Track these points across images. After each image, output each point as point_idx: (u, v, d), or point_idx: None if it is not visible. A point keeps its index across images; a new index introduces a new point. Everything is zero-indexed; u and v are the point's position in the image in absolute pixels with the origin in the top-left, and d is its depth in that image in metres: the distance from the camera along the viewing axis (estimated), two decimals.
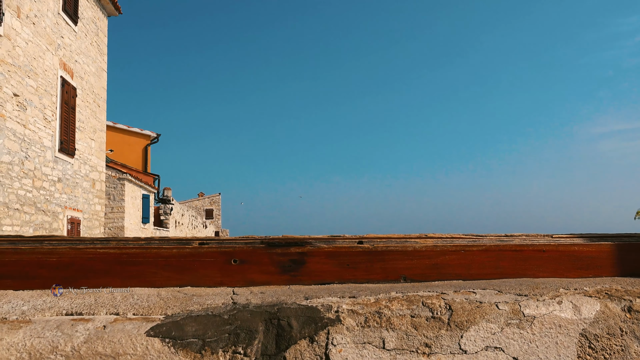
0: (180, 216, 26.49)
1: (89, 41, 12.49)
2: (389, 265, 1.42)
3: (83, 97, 12.03)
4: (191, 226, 30.32)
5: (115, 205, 15.61)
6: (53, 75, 10.51)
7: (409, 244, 1.44)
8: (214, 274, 1.36)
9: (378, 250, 1.42)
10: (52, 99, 10.44)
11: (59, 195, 10.56)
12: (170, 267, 1.34)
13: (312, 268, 1.40)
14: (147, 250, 1.34)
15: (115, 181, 15.67)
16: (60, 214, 10.61)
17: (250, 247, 1.39)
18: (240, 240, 1.41)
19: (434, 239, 1.47)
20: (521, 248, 1.49)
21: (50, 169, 10.25)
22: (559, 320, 1.24)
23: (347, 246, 1.41)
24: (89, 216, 12.16)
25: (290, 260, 1.39)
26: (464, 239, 1.48)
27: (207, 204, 50.36)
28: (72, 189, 11.27)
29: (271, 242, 1.40)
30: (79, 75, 11.86)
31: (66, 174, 10.96)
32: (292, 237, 1.41)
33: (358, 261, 1.41)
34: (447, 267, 1.45)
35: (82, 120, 11.95)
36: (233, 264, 1.37)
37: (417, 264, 1.44)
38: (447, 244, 1.45)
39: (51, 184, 10.25)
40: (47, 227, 10.00)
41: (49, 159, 10.18)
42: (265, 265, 1.39)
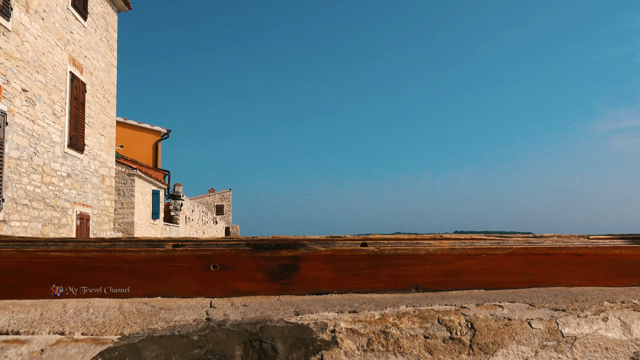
0: (191, 212, 26.51)
1: (98, 37, 12.45)
2: (397, 271, 1.23)
3: (92, 93, 12.00)
4: (201, 222, 30.37)
5: (125, 201, 15.60)
6: (62, 70, 10.47)
7: (422, 246, 1.23)
8: (189, 282, 1.18)
9: (385, 253, 1.22)
10: (62, 95, 10.40)
11: (68, 191, 10.53)
12: (137, 274, 1.16)
13: (307, 275, 1.21)
14: (110, 254, 1.15)
15: (125, 177, 15.67)
16: (70, 209, 10.58)
17: (234, 250, 1.20)
18: (221, 242, 1.22)
19: (451, 240, 1.27)
20: (553, 251, 1.29)
21: (60, 165, 10.23)
22: (605, 342, 1.02)
23: (348, 249, 1.22)
24: (98, 212, 12.14)
25: (280, 266, 1.21)
26: (485, 240, 1.28)
27: (218, 199, 50.47)
28: (82, 185, 11.24)
29: (258, 244, 1.20)
30: (89, 70, 11.82)
31: (75, 169, 10.93)
32: (283, 238, 1.21)
33: (361, 267, 1.22)
34: (466, 273, 1.25)
35: (92, 116, 11.92)
36: (212, 270, 1.19)
37: (431, 270, 1.24)
38: (466, 247, 1.25)
39: (60, 180, 10.23)
40: (56, 223, 9.98)
41: (58, 154, 10.15)
42: (251, 272, 1.20)
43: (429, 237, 1.27)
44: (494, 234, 1.31)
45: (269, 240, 1.21)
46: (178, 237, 1.23)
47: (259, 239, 1.20)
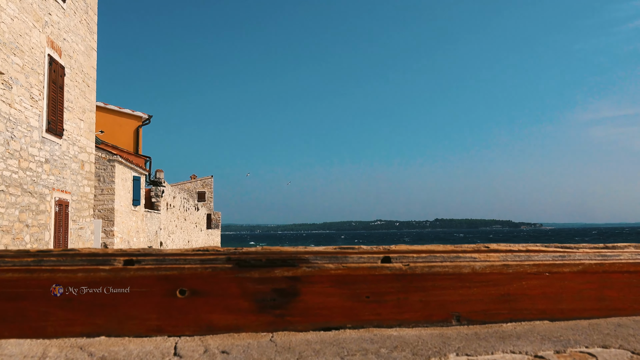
0: (172, 198, 26.31)
1: (78, 19, 12.17)
2: (433, 296, 0.91)
3: (72, 77, 11.76)
4: (183, 209, 30.17)
5: (105, 187, 15.40)
6: (40, 53, 10.22)
7: (464, 261, 0.91)
8: (146, 315, 0.84)
9: (416, 272, 0.90)
10: (39, 78, 10.17)
11: (46, 177, 10.35)
12: (72, 304, 0.83)
13: (310, 303, 0.88)
14: (35, 275, 0.83)
15: (105, 163, 15.45)
16: (48, 195, 10.41)
17: (209, 268, 0.86)
18: (192, 256, 0.88)
19: (501, 253, 0.95)
20: (637, 267, 0.96)
21: (37, 150, 10.03)
22: None
23: (367, 266, 0.90)
24: (77, 198, 11.97)
25: (274, 291, 0.87)
26: (546, 252, 0.96)
27: (200, 186, 50.14)
28: (60, 170, 11.05)
29: (243, 259, 0.87)
30: (68, 54, 11.56)
31: (54, 154, 10.74)
32: (276, 251, 0.89)
33: (384, 291, 0.90)
34: (524, 299, 0.93)
35: (71, 100, 11.69)
36: (179, 298, 0.86)
37: (478, 294, 0.92)
38: (522, 262, 0.93)
39: (38, 165, 10.04)
40: (34, 209, 9.82)
41: (35, 139, 9.95)
42: (233, 299, 0.87)
43: (471, 250, 0.95)
44: (554, 244, 0.98)
45: (258, 255, 0.87)
46: (132, 249, 0.90)
47: (243, 253, 0.88)
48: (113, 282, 0.85)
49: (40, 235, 10.03)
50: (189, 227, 32.64)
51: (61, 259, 0.85)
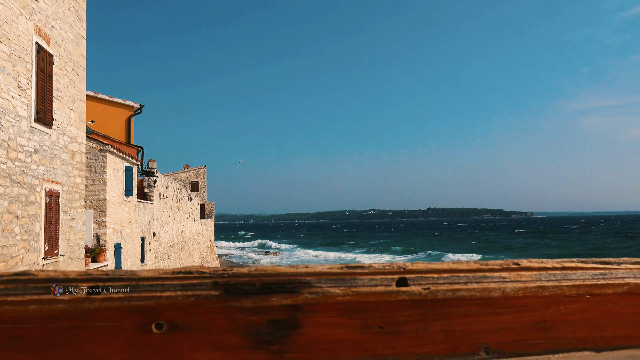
0: (165, 189, 26.13)
1: (66, 6, 11.91)
2: (458, 325, 0.79)
3: (61, 65, 11.53)
4: (176, 199, 30.00)
5: (96, 177, 15.22)
6: (27, 41, 9.99)
7: (492, 282, 0.79)
8: (115, 355, 0.72)
9: (437, 297, 0.78)
10: (27, 66, 9.95)
11: (35, 167, 10.17)
12: (22, 344, 0.67)
13: (313, 336, 0.77)
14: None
15: (97, 153, 15.25)
16: (38, 186, 10.24)
17: (192, 296, 0.72)
18: (171, 280, 0.74)
19: (533, 271, 0.82)
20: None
21: (26, 140, 9.84)
22: None
23: (380, 291, 0.77)
24: (68, 189, 11.79)
25: (270, 323, 0.74)
26: (584, 269, 0.83)
27: (193, 176, 49.91)
28: (50, 161, 10.87)
29: (232, 284, 0.73)
30: (56, 41, 11.32)
31: (43, 145, 10.55)
32: (272, 272, 0.75)
33: (400, 320, 0.78)
34: (562, 326, 0.81)
35: (60, 89, 11.47)
36: (156, 333, 0.71)
37: (510, 321, 0.80)
38: (559, 283, 0.81)
39: (27, 155, 9.86)
40: (24, 200, 9.65)
41: (24, 129, 9.76)
42: (221, 334, 0.75)
43: (498, 267, 0.82)
44: (592, 259, 0.85)
45: (251, 278, 0.74)
46: (100, 272, 0.73)
47: (233, 275, 0.73)
48: (74, 315, 0.69)
49: (30, 226, 9.88)
50: (183, 217, 32.49)
51: (10, 287, 0.68)
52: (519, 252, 64.31)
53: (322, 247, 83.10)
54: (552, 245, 74.15)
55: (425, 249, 71.68)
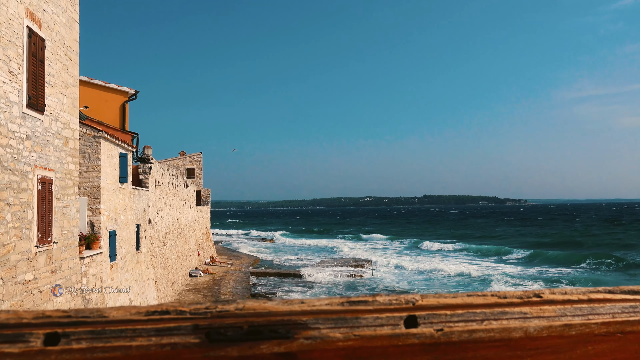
0: (160, 175, 25.95)
1: None
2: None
3: (53, 50, 11.30)
4: (172, 185, 29.83)
5: (90, 164, 15.04)
6: (18, 24, 9.76)
7: (512, 319, 0.68)
8: None
9: (452, 340, 0.69)
10: (18, 51, 9.73)
11: (27, 154, 10.00)
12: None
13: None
14: None
15: (90, 139, 15.05)
16: (30, 173, 10.08)
17: (168, 345, 0.61)
18: (146, 323, 0.61)
19: (558, 304, 0.71)
20: None
21: (18, 126, 9.66)
22: None
23: (386, 334, 0.67)
24: (61, 175, 11.63)
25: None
26: (613, 301, 0.72)
27: (189, 163, 49.66)
28: (43, 147, 10.70)
29: (216, 329, 0.62)
30: (48, 25, 11.08)
31: (35, 131, 10.36)
32: (263, 311, 0.63)
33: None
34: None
35: (53, 75, 11.26)
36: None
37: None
38: (588, 320, 0.70)
39: (19, 142, 9.68)
40: (16, 187, 9.50)
41: (15, 115, 9.57)
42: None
43: (517, 299, 0.71)
44: (619, 288, 0.75)
45: (237, 319, 0.62)
46: (60, 312, 0.61)
47: (217, 315, 0.62)
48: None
49: (22, 214, 9.74)
50: (178, 204, 32.35)
51: None
52: (503, 240, 65.05)
53: (312, 234, 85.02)
54: (534, 234, 75.86)
55: (406, 236, 73.57)
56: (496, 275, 34.22)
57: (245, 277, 34.47)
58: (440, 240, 65.58)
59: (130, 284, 17.98)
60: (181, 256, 31.59)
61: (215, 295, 26.84)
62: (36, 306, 10.15)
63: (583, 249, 51.44)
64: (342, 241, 69.01)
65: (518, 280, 32.40)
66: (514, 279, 32.80)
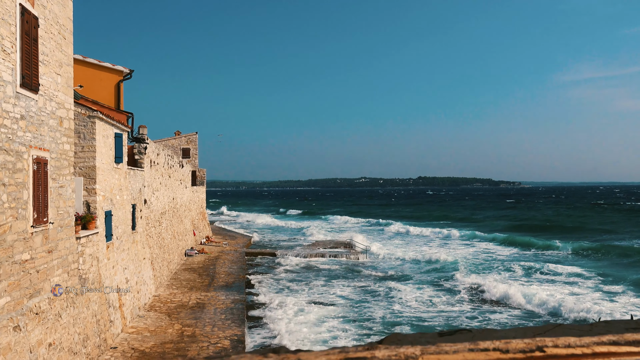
0: (156, 155, 25.86)
1: None
2: None
3: (46, 28, 11.14)
4: (167, 166, 29.75)
5: (85, 144, 14.96)
6: (10, 2, 9.60)
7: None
8: None
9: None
10: (11, 29, 9.59)
11: (22, 134, 9.94)
12: None
13: None
14: None
15: (85, 119, 14.95)
16: (25, 153, 10.03)
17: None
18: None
19: (561, 358, 0.64)
20: None
21: (12, 106, 9.57)
22: None
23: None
24: (57, 156, 11.58)
25: None
26: (618, 354, 0.66)
27: (184, 142, 49.43)
28: (37, 127, 10.62)
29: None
30: (41, 3, 10.90)
31: (30, 111, 10.28)
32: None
33: None
34: None
35: (46, 54, 11.12)
36: None
37: None
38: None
39: (13, 122, 9.61)
40: (11, 168, 9.46)
41: (9, 94, 9.48)
42: None
43: (520, 354, 0.62)
44: (624, 336, 0.68)
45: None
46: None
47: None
48: None
49: (18, 194, 9.72)
50: (174, 184, 32.31)
51: None
52: (479, 225, 66.64)
53: (301, 217, 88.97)
54: (510, 216, 79.33)
55: (384, 217, 78.24)
56: (461, 261, 33.90)
57: (241, 256, 34.65)
58: (417, 223, 68.24)
59: (126, 263, 18.06)
60: (177, 236, 31.67)
61: (211, 275, 27.00)
62: (33, 285, 10.20)
63: (553, 233, 54.02)
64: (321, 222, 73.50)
65: (487, 264, 32.97)
66: (483, 264, 33.23)
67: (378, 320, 20.05)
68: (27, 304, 9.96)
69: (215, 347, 15.21)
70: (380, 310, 21.48)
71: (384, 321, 19.95)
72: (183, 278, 26.11)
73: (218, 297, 21.68)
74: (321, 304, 22.58)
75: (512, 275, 29.73)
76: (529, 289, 24.82)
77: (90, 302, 13.62)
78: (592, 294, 24.37)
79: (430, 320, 20.18)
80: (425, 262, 34.87)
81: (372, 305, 22.38)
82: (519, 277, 29.16)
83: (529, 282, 27.69)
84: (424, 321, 20.10)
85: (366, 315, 20.80)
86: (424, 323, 19.85)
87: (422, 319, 20.47)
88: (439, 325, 19.76)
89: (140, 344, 15.41)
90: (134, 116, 21.00)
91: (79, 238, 13.24)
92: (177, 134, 50.09)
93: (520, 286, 25.33)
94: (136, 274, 19.27)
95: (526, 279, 28.49)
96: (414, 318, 20.53)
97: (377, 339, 0.57)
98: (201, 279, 25.88)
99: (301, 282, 28.15)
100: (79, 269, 13.12)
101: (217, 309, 19.67)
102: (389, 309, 21.76)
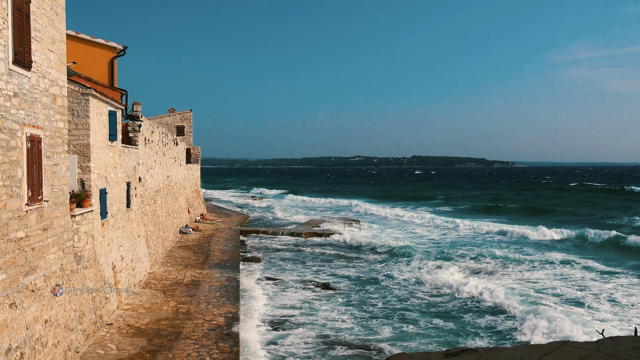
0: (150, 133, 25.73)
1: None
2: None
3: (38, 4, 10.96)
4: (161, 143, 29.62)
5: (79, 122, 14.86)
6: None
7: None
8: None
9: None
10: (2, 5, 9.43)
11: (15, 112, 9.86)
12: None
13: None
14: None
15: (79, 96, 14.81)
16: (18, 131, 9.97)
17: None
18: None
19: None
20: None
21: (4, 83, 9.48)
22: None
23: None
24: (50, 133, 11.52)
25: None
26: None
27: (178, 120, 49.11)
28: (31, 105, 10.54)
29: None
30: None
31: (23, 88, 10.18)
32: None
33: None
34: None
35: (39, 30, 10.96)
36: None
37: None
38: None
39: (6, 99, 9.53)
40: (4, 146, 9.41)
41: (2, 71, 9.37)
42: None
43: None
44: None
45: None
46: None
47: None
48: None
49: (12, 172, 9.69)
50: (169, 162, 32.22)
51: None
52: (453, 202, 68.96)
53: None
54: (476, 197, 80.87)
55: (360, 196, 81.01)
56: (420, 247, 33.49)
57: (235, 234, 34.81)
58: (390, 203, 71.13)
59: (121, 241, 18.12)
60: (171, 214, 31.72)
61: (206, 253, 27.16)
62: (28, 263, 10.25)
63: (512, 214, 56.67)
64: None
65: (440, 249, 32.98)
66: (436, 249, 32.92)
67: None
68: (22, 282, 10.02)
69: (210, 325, 15.41)
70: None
71: None
72: (178, 256, 26.26)
73: (213, 275, 21.86)
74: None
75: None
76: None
77: (85, 279, 13.71)
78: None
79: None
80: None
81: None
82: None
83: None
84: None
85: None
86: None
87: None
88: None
89: (136, 320, 15.58)
90: (127, 93, 20.83)
91: (73, 216, 13.25)
92: (172, 111, 49.73)
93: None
94: (131, 251, 19.36)
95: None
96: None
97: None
98: (196, 257, 26.03)
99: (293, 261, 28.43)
100: (74, 246, 13.17)
101: (211, 287, 19.86)
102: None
